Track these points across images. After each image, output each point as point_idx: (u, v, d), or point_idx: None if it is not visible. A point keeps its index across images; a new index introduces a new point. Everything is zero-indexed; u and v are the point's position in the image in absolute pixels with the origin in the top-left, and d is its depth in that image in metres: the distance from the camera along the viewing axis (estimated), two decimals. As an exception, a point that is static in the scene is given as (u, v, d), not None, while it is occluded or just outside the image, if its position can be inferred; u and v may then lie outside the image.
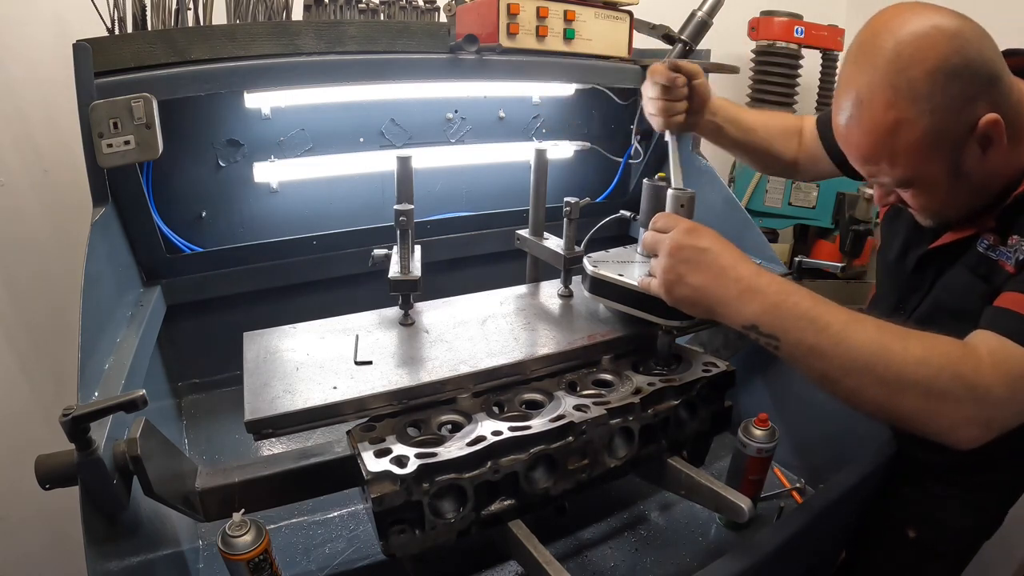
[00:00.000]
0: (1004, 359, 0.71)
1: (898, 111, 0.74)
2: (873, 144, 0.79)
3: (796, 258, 1.35)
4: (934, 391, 0.70)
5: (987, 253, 0.84)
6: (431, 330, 0.99)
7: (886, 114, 0.75)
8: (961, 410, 0.70)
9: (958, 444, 0.72)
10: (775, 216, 2.32)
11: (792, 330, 0.75)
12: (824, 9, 2.47)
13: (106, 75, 0.92)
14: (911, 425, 0.73)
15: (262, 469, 0.82)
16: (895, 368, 0.70)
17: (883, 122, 0.76)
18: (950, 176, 0.79)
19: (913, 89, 0.73)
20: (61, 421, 0.60)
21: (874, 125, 0.77)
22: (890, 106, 0.75)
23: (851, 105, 0.79)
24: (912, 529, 1.06)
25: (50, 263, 1.49)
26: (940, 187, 0.81)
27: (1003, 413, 0.71)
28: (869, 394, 0.73)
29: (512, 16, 1.18)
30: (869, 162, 0.82)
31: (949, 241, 0.91)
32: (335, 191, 1.42)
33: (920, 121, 0.74)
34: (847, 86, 0.80)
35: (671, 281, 0.82)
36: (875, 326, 0.73)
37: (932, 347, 0.72)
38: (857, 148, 0.82)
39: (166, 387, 1.28)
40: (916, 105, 0.73)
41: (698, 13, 1.34)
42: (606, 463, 0.88)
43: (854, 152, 0.83)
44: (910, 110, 0.74)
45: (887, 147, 0.78)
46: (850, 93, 0.79)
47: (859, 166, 0.84)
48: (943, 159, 0.78)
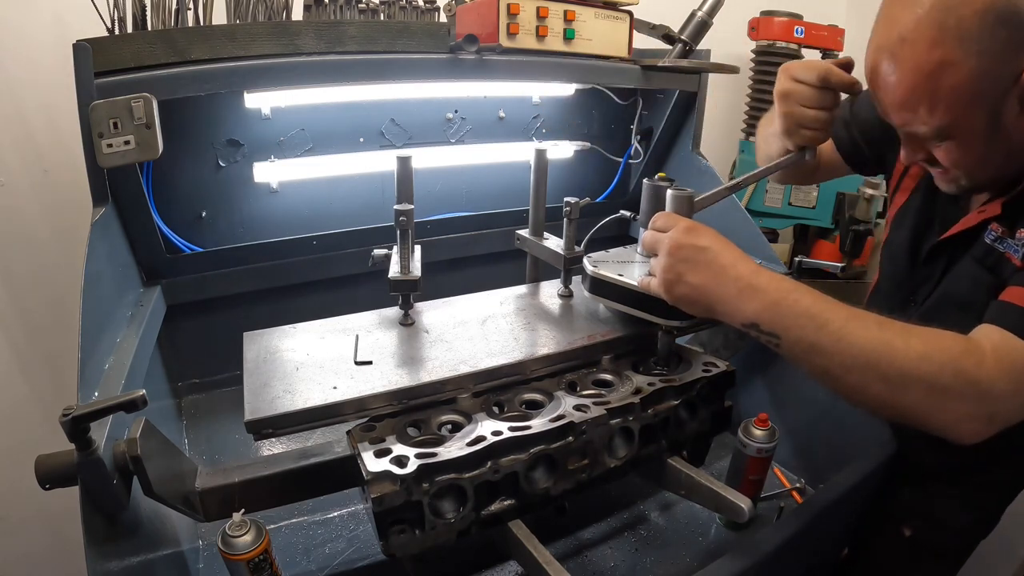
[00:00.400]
0: (1007, 354, 0.71)
1: (944, 50, 0.70)
2: (914, 85, 0.74)
3: (796, 258, 1.36)
4: (937, 387, 0.70)
5: (994, 244, 0.83)
6: (431, 330, 0.99)
7: (931, 53, 0.71)
8: (964, 405, 0.70)
9: (960, 439, 0.72)
10: (775, 216, 2.32)
11: (793, 328, 0.75)
12: (824, 9, 2.47)
13: (106, 75, 0.92)
14: (914, 421, 0.73)
15: (262, 469, 0.82)
16: (897, 364, 0.70)
17: (927, 61, 0.71)
18: (988, 130, 0.76)
19: (962, 28, 0.69)
20: (61, 421, 0.60)
21: (917, 64, 0.72)
22: (936, 44, 0.70)
23: (891, 44, 0.74)
24: (908, 528, 1.06)
25: (50, 263, 1.49)
26: (977, 141, 0.77)
27: (1006, 408, 0.71)
28: (872, 391, 0.73)
29: (512, 16, 1.18)
30: (906, 107, 0.77)
31: (958, 231, 0.90)
32: (335, 191, 1.42)
33: (966, 64, 0.70)
34: (888, 25, 0.75)
35: (670, 280, 0.82)
36: (876, 322, 0.73)
37: (934, 342, 0.71)
38: (895, 90, 0.76)
39: (166, 387, 1.28)
40: (963, 46, 0.69)
41: (698, 13, 1.34)
42: (606, 463, 0.88)
43: (891, 95, 0.77)
44: (957, 51, 0.70)
45: (928, 89, 0.73)
46: (891, 31, 0.74)
47: (894, 111, 0.79)
48: (984, 109, 0.74)
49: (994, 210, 0.84)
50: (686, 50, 1.37)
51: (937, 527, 1.05)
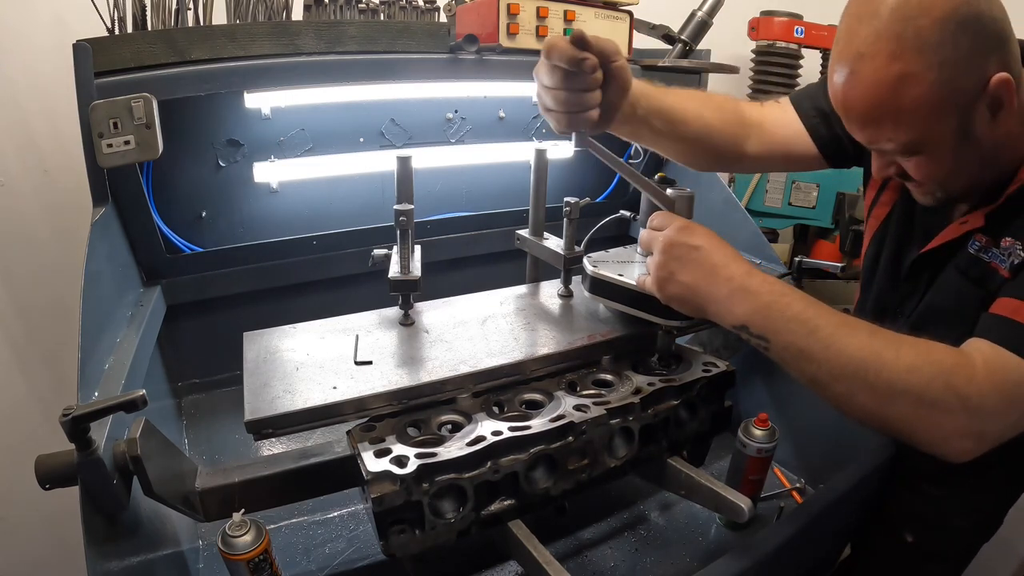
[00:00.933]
0: (998, 369, 0.69)
1: (904, 63, 0.68)
2: (876, 101, 0.72)
3: (796, 258, 1.35)
4: (925, 400, 0.68)
5: (978, 255, 0.82)
6: (431, 330, 0.99)
7: (890, 67, 0.69)
8: (953, 421, 0.68)
9: (949, 456, 0.71)
10: (775, 216, 2.32)
11: (782, 332, 0.74)
12: (824, 9, 2.46)
13: (106, 75, 0.92)
14: (901, 434, 0.72)
15: (262, 469, 0.82)
16: (886, 375, 0.69)
17: (887, 76, 0.69)
18: (958, 140, 0.73)
19: (920, 39, 0.67)
20: (61, 421, 0.60)
21: (877, 79, 0.70)
22: (894, 58, 0.68)
23: (850, 59, 0.72)
24: (909, 531, 1.06)
25: (50, 263, 1.49)
26: (947, 153, 0.75)
27: (996, 425, 0.70)
28: (858, 400, 0.72)
29: (512, 16, 1.18)
30: (870, 124, 0.75)
31: (940, 244, 0.88)
32: (335, 191, 1.42)
33: (927, 75, 0.68)
34: (846, 40, 0.73)
35: (663, 278, 0.82)
36: (868, 331, 0.72)
37: (925, 355, 0.70)
38: (857, 107, 0.74)
39: (166, 387, 1.28)
40: (923, 57, 0.67)
41: (698, 13, 1.34)
42: (606, 463, 0.88)
43: (854, 113, 0.76)
44: (917, 62, 0.68)
45: (891, 104, 0.71)
46: (849, 46, 0.72)
47: (859, 130, 0.77)
48: (951, 120, 0.72)
49: (976, 221, 0.82)
50: (686, 50, 1.37)
51: (937, 530, 1.04)
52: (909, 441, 0.72)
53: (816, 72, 2.38)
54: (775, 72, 2.24)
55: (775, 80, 2.24)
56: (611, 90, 0.80)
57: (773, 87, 2.25)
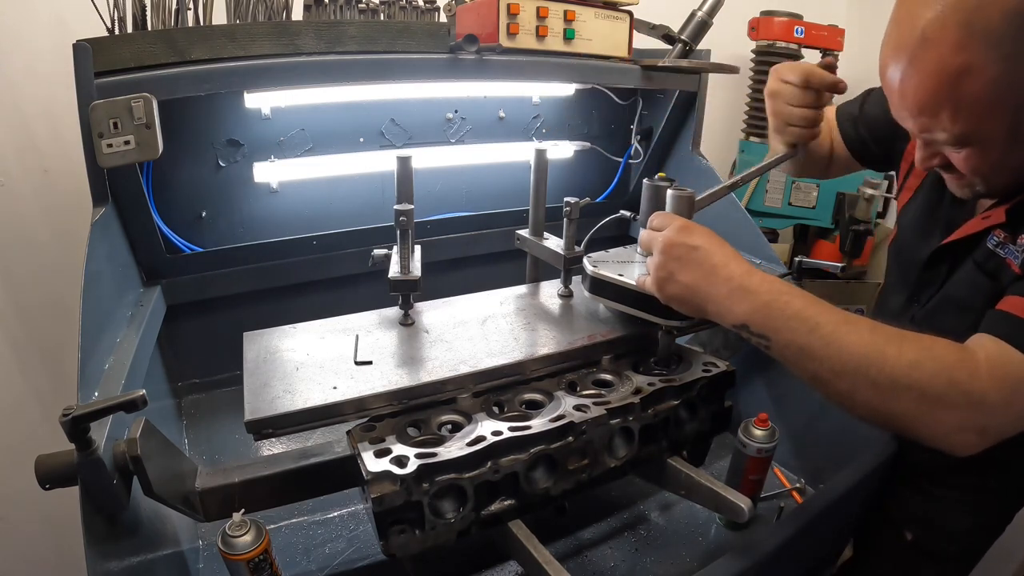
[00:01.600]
0: (1002, 364, 0.69)
1: (970, 54, 0.66)
2: (936, 90, 0.70)
3: (796, 258, 1.35)
4: (928, 395, 0.68)
5: (996, 250, 0.82)
6: (431, 330, 0.99)
7: (955, 56, 0.66)
8: (956, 416, 0.69)
9: (952, 451, 0.71)
10: (775, 216, 2.32)
11: (783, 330, 0.74)
12: (824, 9, 2.47)
13: (106, 75, 0.92)
14: (905, 430, 0.72)
15: (262, 469, 0.82)
16: (888, 371, 0.69)
17: (952, 65, 0.67)
18: (1009, 137, 0.72)
19: (989, 31, 0.65)
20: (61, 421, 0.60)
21: (941, 67, 0.68)
22: (961, 47, 0.66)
23: (912, 44, 0.69)
24: (910, 531, 1.06)
25: (50, 263, 1.49)
26: (996, 148, 0.74)
27: (999, 420, 0.70)
28: (861, 397, 0.72)
29: (512, 16, 1.18)
30: (927, 112, 0.72)
31: (962, 236, 0.88)
32: (335, 191, 1.42)
33: (991, 68, 0.66)
34: (907, 23, 0.70)
35: (662, 278, 0.82)
36: (869, 327, 0.72)
37: (927, 350, 0.70)
38: (916, 94, 0.72)
39: (166, 387, 1.28)
40: (990, 50, 0.65)
41: (698, 13, 1.34)
42: (606, 463, 0.88)
43: (911, 99, 0.73)
44: (983, 55, 0.66)
45: (951, 94, 0.69)
46: (911, 30, 0.69)
47: (912, 117, 0.75)
48: (1006, 116, 0.70)
49: (998, 217, 0.82)
50: (686, 50, 1.37)
51: (938, 532, 1.04)
52: (912, 436, 0.72)
53: (816, 72, 2.38)
54: (775, 72, 2.24)
55: (775, 80, 2.24)
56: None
57: (773, 87, 2.25)
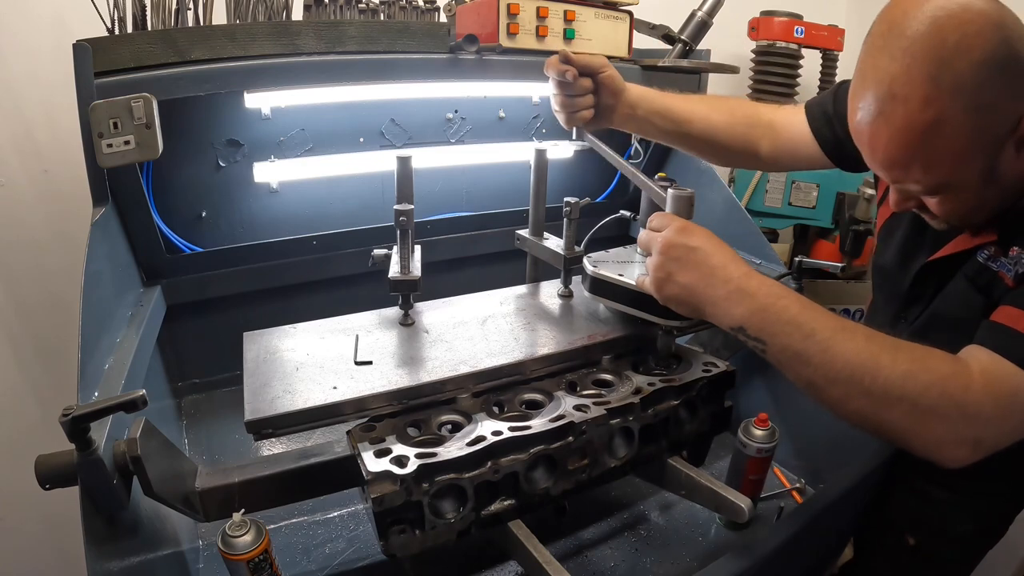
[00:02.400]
0: (996, 377, 0.68)
1: (939, 108, 0.65)
2: (907, 146, 0.70)
3: (796, 258, 1.35)
4: (921, 407, 0.68)
5: (987, 264, 0.81)
6: (431, 330, 0.99)
7: (924, 112, 0.66)
8: (948, 428, 0.68)
9: (944, 463, 0.70)
10: (775, 216, 2.32)
11: (779, 335, 0.74)
12: (824, 9, 2.47)
13: (106, 75, 0.92)
14: (897, 440, 0.72)
15: (262, 469, 0.82)
16: (882, 381, 0.68)
17: (921, 121, 0.67)
18: (983, 180, 0.73)
19: (958, 83, 0.64)
20: (61, 421, 0.60)
21: (910, 124, 0.68)
22: (930, 103, 0.65)
23: (878, 100, 0.69)
24: (911, 535, 1.06)
25: (50, 263, 1.49)
26: (971, 192, 0.74)
27: (992, 433, 0.69)
28: (854, 405, 0.71)
29: (512, 16, 1.18)
30: (898, 166, 0.73)
31: (950, 253, 0.87)
32: (335, 191, 1.42)
33: (962, 119, 0.66)
34: (872, 76, 0.70)
35: (661, 279, 0.82)
36: (865, 335, 0.72)
37: (922, 361, 0.69)
38: (886, 151, 0.72)
39: (166, 387, 1.28)
40: (959, 101, 0.65)
41: (698, 13, 1.34)
42: (606, 463, 0.88)
43: (881, 155, 0.73)
44: (953, 107, 0.65)
45: (923, 150, 0.69)
46: (878, 85, 0.69)
47: (884, 170, 0.76)
48: (979, 162, 0.71)
49: (988, 235, 0.82)
50: (686, 50, 1.37)
51: (939, 536, 1.04)
52: (904, 446, 0.72)
53: (816, 72, 2.38)
54: (775, 72, 2.24)
55: (775, 80, 2.24)
56: (603, 95, 1.05)
57: (773, 87, 2.25)
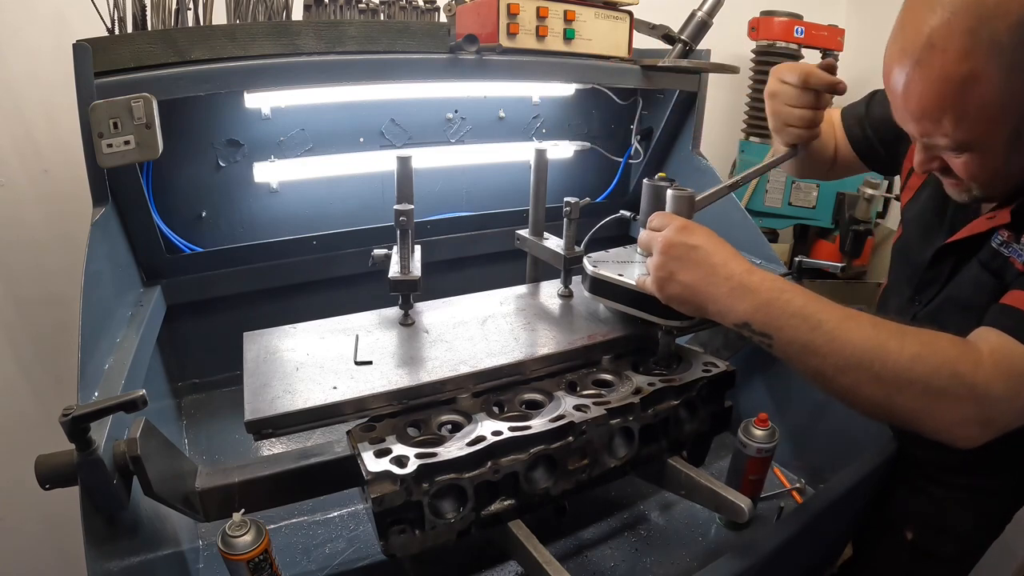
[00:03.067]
0: (1005, 357, 0.70)
1: (975, 62, 0.66)
2: (940, 96, 0.70)
3: (796, 258, 1.35)
4: (932, 389, 0.69)
5: (1000, 249, 0.82)
6: (431, 330, 0.99)
7: (960, 64, 0.67)
8: (959, 408, 0.69)
9: (956, 443, 0.71)
10: (775, 216, 2.32)
11: (785, 328, 0.74)
12: (824, 9, 2.47)
13: (106, 75, 0.92)
14: (909, 424, 0.73)
15: (262, 469, 0.82)
16: (891, 365, 0.69)
17: (956, 73, 0.68)
18: (1008, 145, 0.73)
19: (995, 41, 0.65)
20: (61, 421, 0.60)
21: (946, 74, 0.68)
22: (967, 55, 0.66)
23: (918, 49, 0.69)
24: (911, 531, 1.06)
25: (50, 263, 1.49)
26: (996, 155, 0.75)
27: (1003, 412, 0.70)
28: (865, 392, 0.72)
29: (512, 16, 1.18)
30: (929, 117, 0.73)
31: (966, 236, 0.88)
32: (335, 191, 1.42)
33: (996, 77, 0.67)
34: (912, 27, 0.70)
35: (662, 278, 0.82)
36: (871, 323, 0.72)
37: (930, 344, 0.70)
38: (919, 99, 0.72)
39: (166, 387, 1.28)
40: (995, 59, 0.66)
41: (698, 13, 1.34)
42: (606, 463, 0.88)
43: (914, 104, 0.73)
44: (988, 64, 0.66)
45: (955, 102, 0.70)
46: (917, 35, 0.69)
47: (915, 121, 0.75)
48: (1007, 124, 0.71)
49: (1004, 217, 0.82)
50: (686, 50, 1.37)
51: (938, 531, 1.04)
52: (916, 430, 0.73)
53: (816, 72, 2.38)
54: (775, 72, 2.24)
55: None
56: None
57: (773, 87, 2.25)
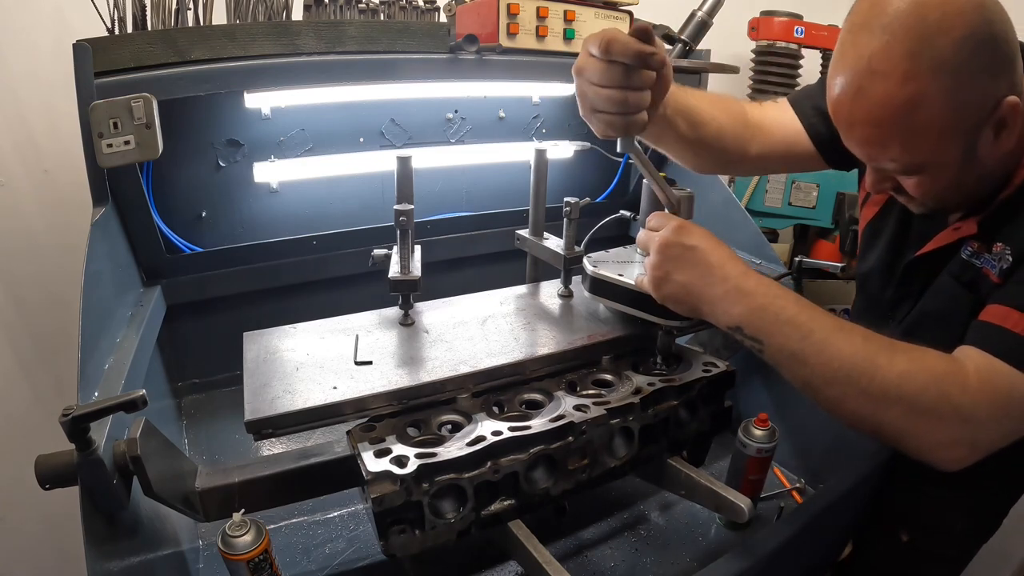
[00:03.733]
0: (990, 378, 0.68)
1: (919, 85, 0.65)
2: (885, 122, 0.69)
3: (796, 258, 1.35)
4: (918, 408, 0.68)
5: (971, 260, 0.81)
6: (431, 330, 0.99)
7: (904, 87, 0.65)
8: (946, 430, 0.68)
9: (941, 465, 0.71)
10: (775, 216, 2.32)
11: (776, 335, 0.74)
12: (824, 9, 2.47)
13: (106, 75, 0.92)
14: (895, 442, 0.72)
15: (262, 469, 0.82)
16: (879, 381, 0.69)
17: (900, 97, 0.66)
18: (962, 162, 0.72)
19: (937, 60, 0.64)
20: (61, 421, 0.60)
21: (889, 100, 0.67)
22: (909, 78, 0.65)
23: (858, 75, 0.68)
24: (906, 531, 1.06)
25: (50, 263, 1.49)
26: (949, 174, 0.74)
27: (989, 434, 0.70)
28: (851, 405, 0.71)
29: (512, 16, 1.18)
30: (875, 143, 0.72)
31: (933, 248, 0.87)
32: (335, 191, 1.42)
33: (942, 98, 0.65)
34: (853, 53, 0.69)
35: (658, 278, 0.82)
36: (862, 336, 0.72)
37: (918, 361, 0.70)
38: (864, 127, 0.71)
39: (166, 387, 1.28)
40: (940, 79, 0.64)
41: (698, 13, 1.34)
42: (606, 463, 0.88)
43: (859, 132, 0.72)
44: (932, 84, 0.65)
45: (902, 127, 0.68)
46: (857, 61, 0.68)
47: (862, 147, 0.75)
48: (958, 143, 0.70)
49: (970, 228, 0.81)
50: (686, 50, 1.37)
51: (934, 532, 1.04)
52: (900, 448, 0.72)
53: (816, 72, 2.38)
54: (775, 72, 2.24)
55: (775, 80, 2.24)
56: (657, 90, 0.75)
57: (773, 87, 2.25)
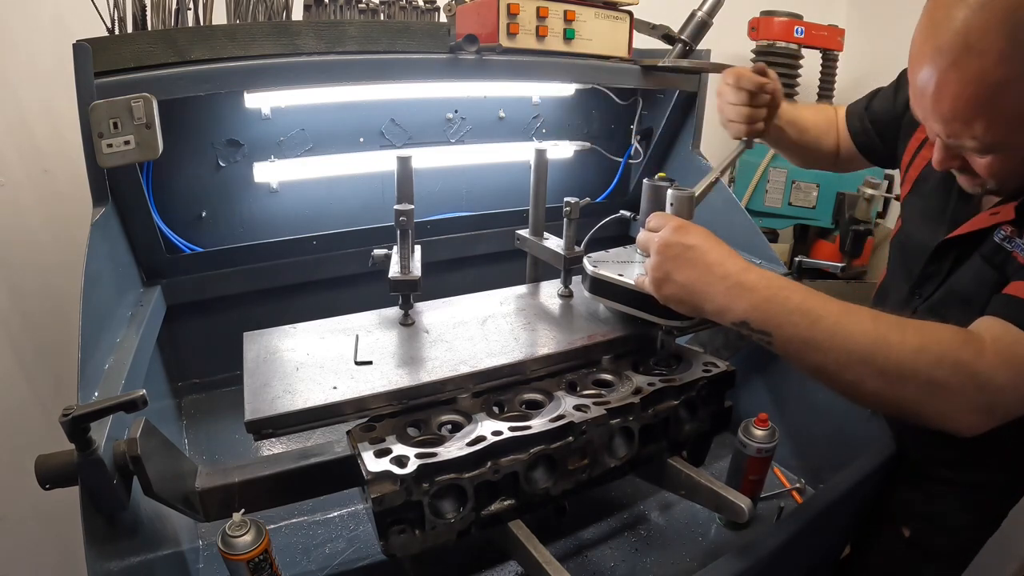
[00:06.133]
0: (1008, 345, 0.70)
1: (1011, 68, 0.65)
2: (975, 99, 0.68)
3: (796, 258, 1.35)
4: (935, 379, 0.69)
5: (1003, 244, 0.82)
6: (431, 330, 0.99)
7: (998, 68, 0.65)
8: (963, 397, 0.69)
9: (959, 431, 0.71)
10: (775, 216, 2.32)
11: (785, 325, 0.74)
12: (824, 9, 2.47)
13: (106, 75, 0.92)
14: (912, 415, 0.73)
15: (262, 469, 0.82)
16: (894, 358, 0.69)
17: (992, 76, 0.66)
18: None
19: None
20: (61, 421, 0.60)
21: (982, 77, 0.66)
22: (1005, 59, 0.64)
23: (953, 50, 0.67)
24: (907, 528, 1.06)
25: (50, 263, 1.49)
26: (1019, 156, 0.74)
27: (1006, 400, 0.70)
28: (868, 386, 0.72)
29: (512, 16, 1.18)
30: (961, 119, 0.71)
31: (968, 231, 0.88)
32: (335, 191, 1.42)
33: None
34: (947, 26, 0.67)
35: (659, 278, 0.82)
36: (871, 317, 0.72)
37: (931, 335, 0.71)
38: (953, 102, 0.70)
39: (166, 387, 1.28)
40: None
41: (698, 13, 1.34)
42: (606, 463, 0.88)
43: (947, 106, 0.71)
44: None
45: (989, 106, 0.68)
46: (954, 36, 0.67)
47: (944, 123, 0.73)
48: None
49: (1008, 214, 0.82)
50: (686, 50, 1.37)
51: (936, 528, 1.04)
52: (920, 421, 0.73)
53: (816, 72, 2.38)
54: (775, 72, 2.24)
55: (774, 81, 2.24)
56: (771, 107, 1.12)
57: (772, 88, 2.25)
